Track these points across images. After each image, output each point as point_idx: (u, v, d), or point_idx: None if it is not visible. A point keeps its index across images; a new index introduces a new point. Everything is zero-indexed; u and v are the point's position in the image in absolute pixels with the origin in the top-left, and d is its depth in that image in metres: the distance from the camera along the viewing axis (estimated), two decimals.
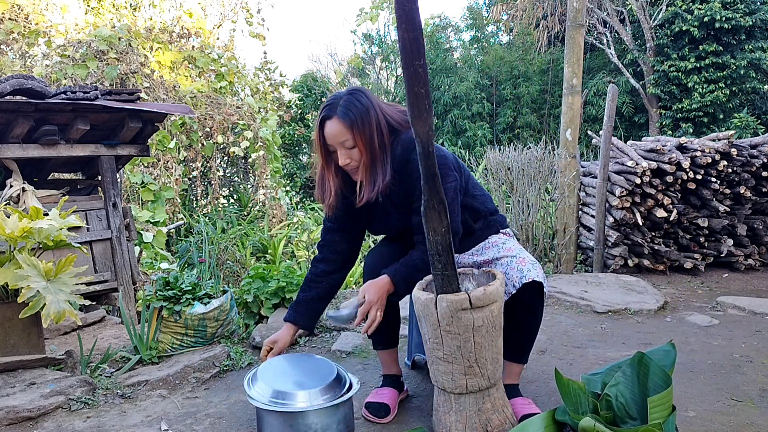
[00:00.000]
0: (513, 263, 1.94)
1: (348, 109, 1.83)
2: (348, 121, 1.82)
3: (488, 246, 2.06)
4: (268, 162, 7.58)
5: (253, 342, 2.79)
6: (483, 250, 2.07)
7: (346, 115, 1.83)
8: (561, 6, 12.72)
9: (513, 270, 1.92)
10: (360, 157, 1.86)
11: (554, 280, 4.00)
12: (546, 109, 13.16)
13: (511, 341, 1.96)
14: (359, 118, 1.83)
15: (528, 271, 1.91)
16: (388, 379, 2.13)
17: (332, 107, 1.85)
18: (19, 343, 2.38)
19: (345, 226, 2.09)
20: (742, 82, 11.45)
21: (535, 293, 1.92)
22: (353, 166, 1.87)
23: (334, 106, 1.85)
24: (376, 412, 1.97)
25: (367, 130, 1.84)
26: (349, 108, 1.83)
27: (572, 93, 4.43)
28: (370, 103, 1.87)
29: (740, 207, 4.66)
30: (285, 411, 1.77)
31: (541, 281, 1.90)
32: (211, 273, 4.51)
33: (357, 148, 1.85)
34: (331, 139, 1.86)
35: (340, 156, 1.86)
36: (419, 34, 1.48)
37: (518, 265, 1.93)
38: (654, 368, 1.61)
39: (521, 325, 1.95)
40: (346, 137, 1.83)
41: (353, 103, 1.84)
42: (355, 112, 1.83)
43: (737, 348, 2.71)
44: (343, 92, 1.90)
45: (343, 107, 1.83)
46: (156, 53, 6.87)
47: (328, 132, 1.85)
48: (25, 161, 3.45)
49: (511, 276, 1.92)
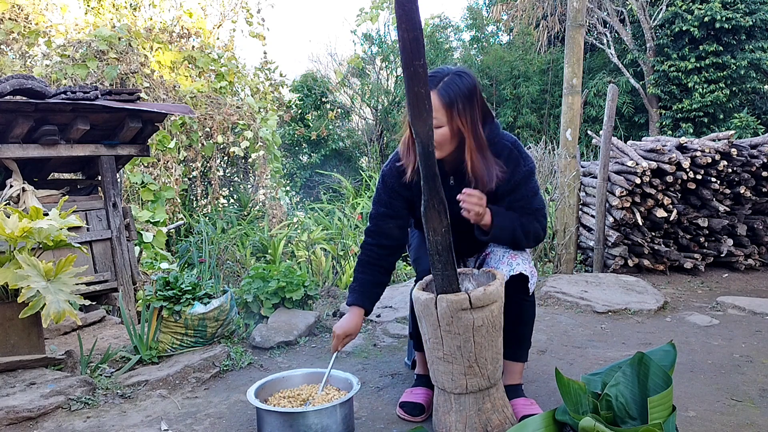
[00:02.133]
0: (504, 258, 1.97)
1: (451, 88, 1.78)
2: (447, 99, 1.78)
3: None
4: (268, 162, 7.57)
5: (253, 342, 2.79)
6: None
7: (448, 92, 1.78)
8: (561, 6, 12.71)
9: (503, 264, 1.95)
10: (444, 139, 1.81)
11: (554, 280, 4.00)
12: (546, 109, 13.15)
13: (507, 339, 1.97)
14: (461, 100, 1.78)
15: (517, 265, 1.93)
16: (421, 379, 2.15)
17: (437, 80, 1.79)
18: (19, 343, 2.38)
19: (398, 212, 2.05)
20: (743, 82, 11.44)
21: (521, 287, 1.94)
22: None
23: (439, 80, 1.79)
24: (411, 411, 2.00)
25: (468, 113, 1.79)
26: (453, 87, 1.78)
27: (572, 93, 4.43)
28: (475, 89, 1.82)
29: (740, 207, 4.66)
30: (284, 411, 1.78)
31: (527, 275, 1.92)
32: (211, 273, 4.51)
33: (444, 129, 1.80)
34: None
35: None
36: (419, 34, 1.48)
37: (509, 259, 1.95)
38: (654, 368, 1.61)
39: (513, 321, 1.96)
40: (437, 115, 1.77)
41: (459, 84, 1.79)
42: (457, 94, 1.78)
43: (737, 348, 2.71)
44: (452, 69, 1.84)
45: (447, 85, 1.78)
46: (156, 53, 6.87)
47: None
48: (25, 161, 3.45)
49: (500, 270, 1.94)
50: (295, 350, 2.78)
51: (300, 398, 1.95)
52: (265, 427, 1.81)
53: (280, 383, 2.04)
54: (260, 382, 1.98)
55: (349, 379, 1.98)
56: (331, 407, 1.79)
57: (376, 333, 3.02)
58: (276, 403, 1.92)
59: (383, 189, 2.05)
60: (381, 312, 3.33)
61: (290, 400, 1.94)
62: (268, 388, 2.00)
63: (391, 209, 2.05)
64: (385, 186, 2.05)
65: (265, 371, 2.52)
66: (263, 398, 1.95)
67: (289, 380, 2.06)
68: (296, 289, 3.03)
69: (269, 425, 1.80)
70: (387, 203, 2.05)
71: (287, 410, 1.79)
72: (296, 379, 2.07)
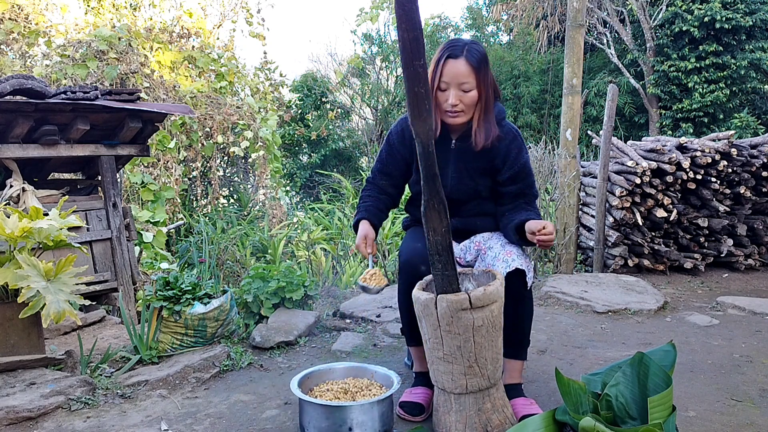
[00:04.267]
0: (500, 255, 1.99)
1: (475, 54, 1.93)
2: (475, 63, 1.92)
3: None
4: (268, 162, 7.57)
5: (253, 342, 2.79)
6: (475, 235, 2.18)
7: (474, 58, 1.92)
8: (561, 6, 12.71)
9: (499, 262, 1.98)
10: (472, 102, 1.96)
11: (554, 280, 4.00)
12: (546, 109, 13.15)
13: (506, 336, 1.97)
14: (484, 65, 1.95)
15: (512, 261, 1.95)
16: (420, 378, 2.15)
17: (460, 49, 1.94)
18: (19, 343, 2.38)
19: (392, 172, 2.20)
20: (743, 82, 11.44)
21: (519, 282, 1.95)
22: (459, 108, 1.96)
23: (461, 49, 1.93)
24: (411, 411, 2.01)
25: (488, 78, 1.97)
26: (475, 53, 1.94)
27: (572, 93, 4.43)
28: (487, 57, 2.00)
29: (740, 207, 4.66)
30: (323, 404, 1.82)
31: (523, 269, 1.94)
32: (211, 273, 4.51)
33: (473, 92, 1.95)
34: (451, 77, 1.93)
35: (452, 96, 1.94)
36: (419, 34, 1.48)
37: (504, 256, 1.98)
38: (654, 368, 1.61)
39: (511, 317, 1.96)
40: (468, 80, 1.93)
41: (479, 51, 1.95)
42: (480, 59, 1.94)
43: (737, 348, 2.71)
44: (466, 39, 2.00)
45: (471, 51, 1.93)
46: (156, 53, 6.87)
47: (450, 70, 1.93)
48: (25, 161, 3.45)
49: (497, 268, 1.96)
50: (295, 350, 2.78)
51: (343, 390, 2.00)
52: (305, 417, 1.86)
53: (326, 375, 2.11)
54: (304, 373, 2.05)
55: (390, 377, 2.00)
56: (368, 404, 1.81)
57: (376, 333, 3.02)
58: (320, 394, 1.98)
59: (385, 146, 2.21)
60: (381, 312, 3.33)
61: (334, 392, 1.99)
62: (314, 378, 2.07)
63: (386, 167, 2.21)
64: (387, 143, 2.20)
65: (265, 371, 2.52)
66: (308, 388, 2.01)
67: (333, 372, 2.13)
68: (296, 289, 3.03)
69: (308, 415, 1.85)
70: (385, 161, 2.20)
71: (326, 403, 1.83)
72: (340, 372, 2.13)
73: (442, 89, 1.95)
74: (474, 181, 2.08)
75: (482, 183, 2.09)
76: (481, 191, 2.10)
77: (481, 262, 2.10)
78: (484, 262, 2.07)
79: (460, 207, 2.12)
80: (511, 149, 2.06)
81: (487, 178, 2.09)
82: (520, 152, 2.07)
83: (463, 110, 1.96)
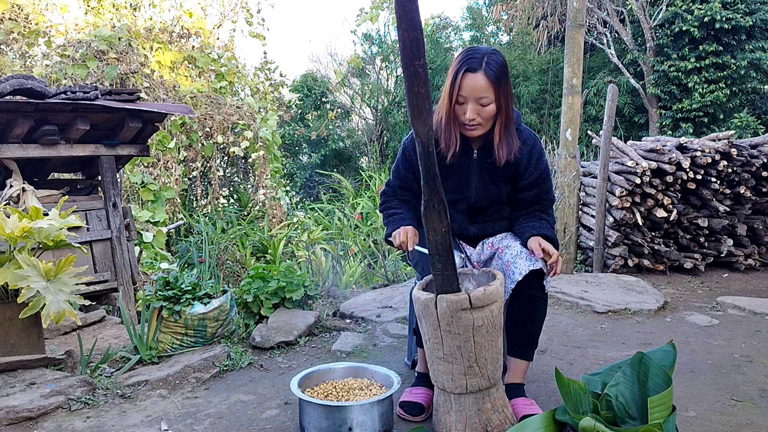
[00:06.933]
0: (523, 252, 1.99)
1: (494, 67, 1.88)
2: (494, 77, 1.87)
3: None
4: (268, 162, 7.58)
5: (253, 342, 2.79)
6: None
7: (493, 71, 1.87)
8: (561, 6, 12.70)
9: (521, 259, 1.97)
10: (490, 116, 1.92)
11: (554, 280, 4.00)
12: (546, 109, 13.15)
13: (516, 335, 1.98)
14: (503, 78, 1.89)
15: (537, 261, 1.95)
16: (421, 378, 2.15)
17: (478, 61, 1.88)
18: (19, 343, 2.38)
19: (411, 186, 2.15)
20: (743, 82, 11.43)
21: (537, 283, 1.96)
22: (477, 122, 1.93)
23: (480, 61, 1.88)
24: (411, 410, 2.01)
25: (508, 90, 1.92)
26: (495, 66, 1.88)
27: (572, 93, 4.42)
28: (507, 65, 1.94)
29: (740, 207, 4.66)
30: (322, 404, 1.82)
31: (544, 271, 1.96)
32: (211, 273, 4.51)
33: (492, 106, 1.91)
34: (469, 92, 1.89)
35: (469, 110, 1.90)
36: (419, 34, 1.48)
37: (528, 254, 1.97)
38: (654, 368, 1.61)
39: (524, 316, 1.97)
40: (487, 94, 1.88)
41: (498, 62, 1.89)
42: (500, 72, 1.88)
43: (737, 348, 2.71)
44: (485, 48, 1.93)
45: (490, 64, 1.87)
46: (156, 53, 6.87)
47: (468, 84, 1.88)
48: (25, 161, 3.45)
49: (518, 265, 1.95)
50: (295, 350, 2.78)
51: (343, 390, 2.00)
52: (305, 417, 1.86)
53: (326, 375, 2.11)
54: (304, 373, 2.04)
55: (390, 377, 2.00)
56: (368, 404, 1.81)
57: (376, 333, 3.02)
58: (320, 394, 1.98)
59: (402, 161, 2.14)
60: (381, 312, 3.33)
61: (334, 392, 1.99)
62: (314, 378, 2.07)
63: (405, 182, 2.15)
64: (404, 158, 2.13)
65: (265, 371, 2.52)
66: (308, 388, 2.01)
67: (333, 372, 2.13)
68: (296, 289, 3.03)
69: (308, 415, 1.85)
70: (403, 176, 2.15)
71: (326, 403, 1.83)
72: (340, 372, 2.13)
73: (460, 103, 1.92)
74: (498, 188, 2.08)
75: (504, 189, 2.09)
76: (502, 197, 2.11)
77: (498, 260, 2.07)
78: (501, 261, 2.05)
79: (481, 213, 2.12)
80: (533, 155, 2.05)
81: (509, 185, 2.10)
82: (540, 158, 2.07)
83: (481, 123, 1.94)
